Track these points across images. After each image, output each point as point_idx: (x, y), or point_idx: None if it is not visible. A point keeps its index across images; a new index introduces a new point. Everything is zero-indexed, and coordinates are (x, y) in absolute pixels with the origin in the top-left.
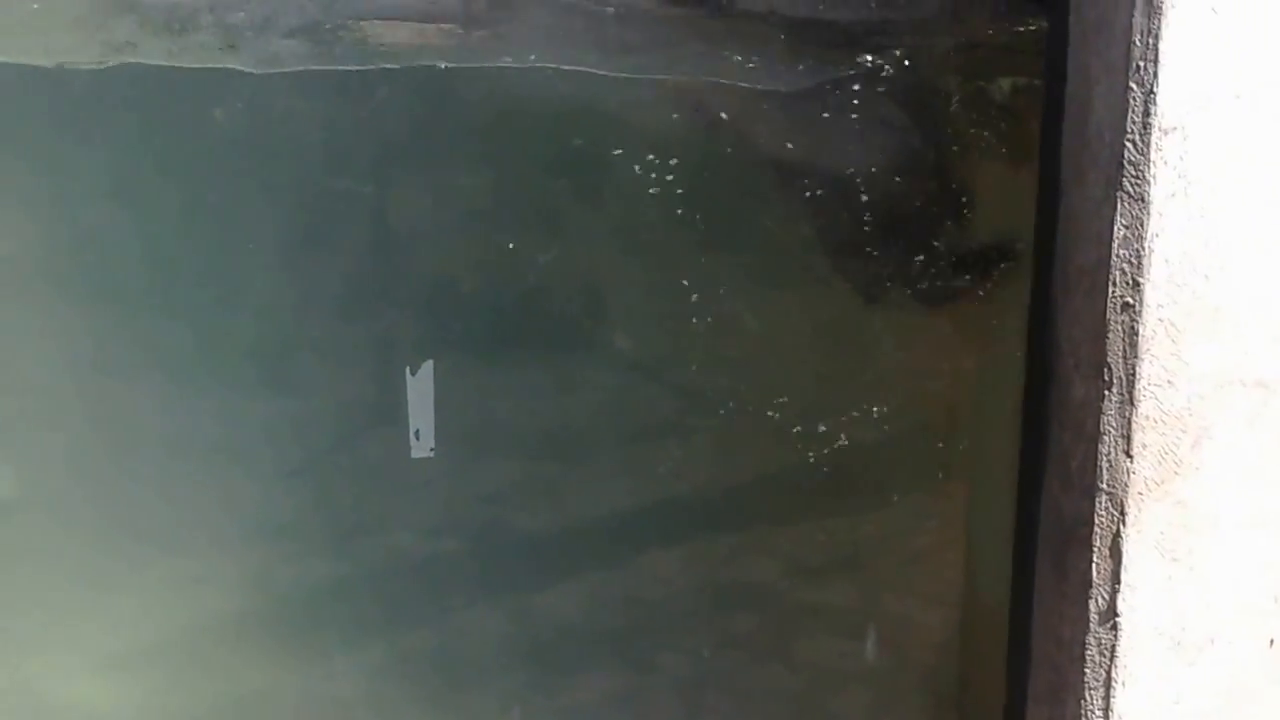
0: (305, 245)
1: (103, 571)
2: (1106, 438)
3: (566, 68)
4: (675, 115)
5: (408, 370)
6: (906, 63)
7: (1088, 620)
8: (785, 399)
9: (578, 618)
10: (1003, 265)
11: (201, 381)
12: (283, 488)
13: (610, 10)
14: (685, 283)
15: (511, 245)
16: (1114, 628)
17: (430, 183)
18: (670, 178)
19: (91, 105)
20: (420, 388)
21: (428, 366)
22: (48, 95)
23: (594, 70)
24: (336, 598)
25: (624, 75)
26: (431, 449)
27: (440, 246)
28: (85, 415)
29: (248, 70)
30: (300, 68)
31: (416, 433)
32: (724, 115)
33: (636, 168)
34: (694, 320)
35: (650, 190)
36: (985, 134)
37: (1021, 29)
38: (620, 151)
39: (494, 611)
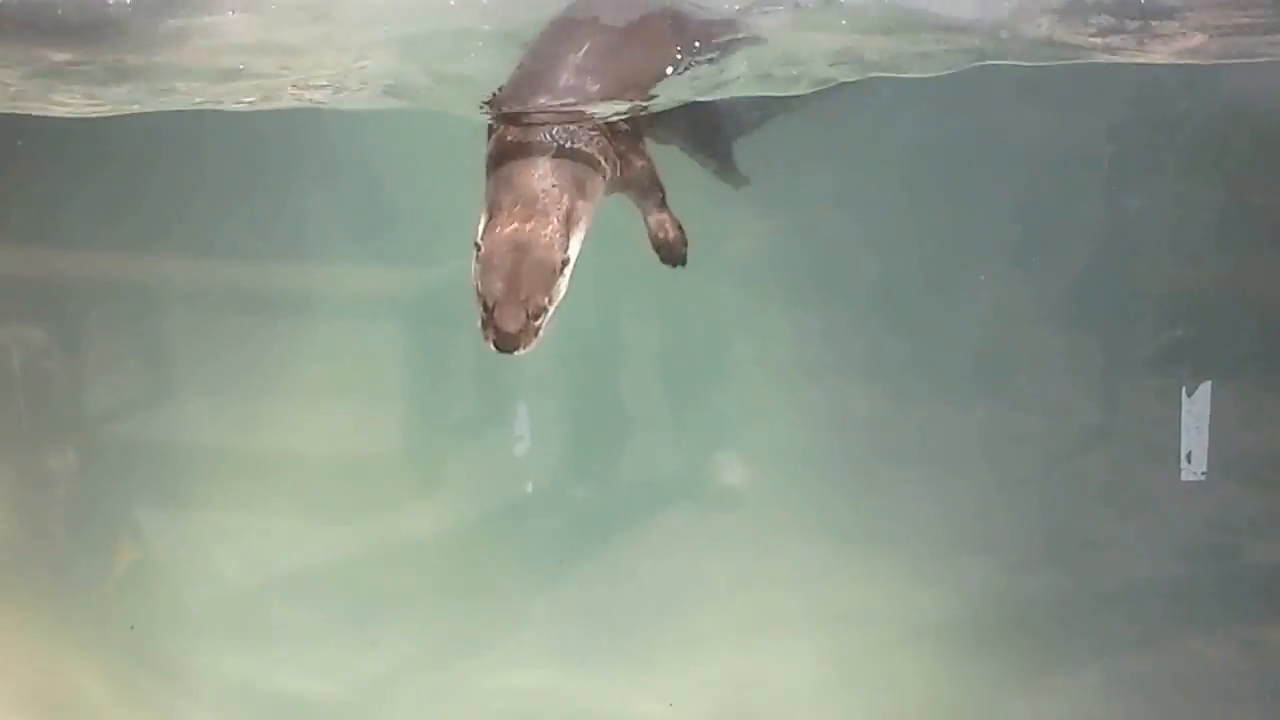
0: (1070, 252)
1: (817, 565)
2: None
3: None
4: None
5: (1183, 391)
6: None
7: None
8: None
9: None
10: None
11: (925, 388)
12: (1001, 499)
13: None
14: None
15: None
16: None
17: (1222, 199)
18: None
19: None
20: (1196, 410)
21: (1205, 389)
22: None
23: None
24: (1058, 613)
25: None
26: (1203, 473)
27: (1224, 265)
28: (813, 414)
29: None
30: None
31: (1188, 455)
32: None
33: None
34: None
35: None
36: None
37: None
38: None
39: (1225, 644)
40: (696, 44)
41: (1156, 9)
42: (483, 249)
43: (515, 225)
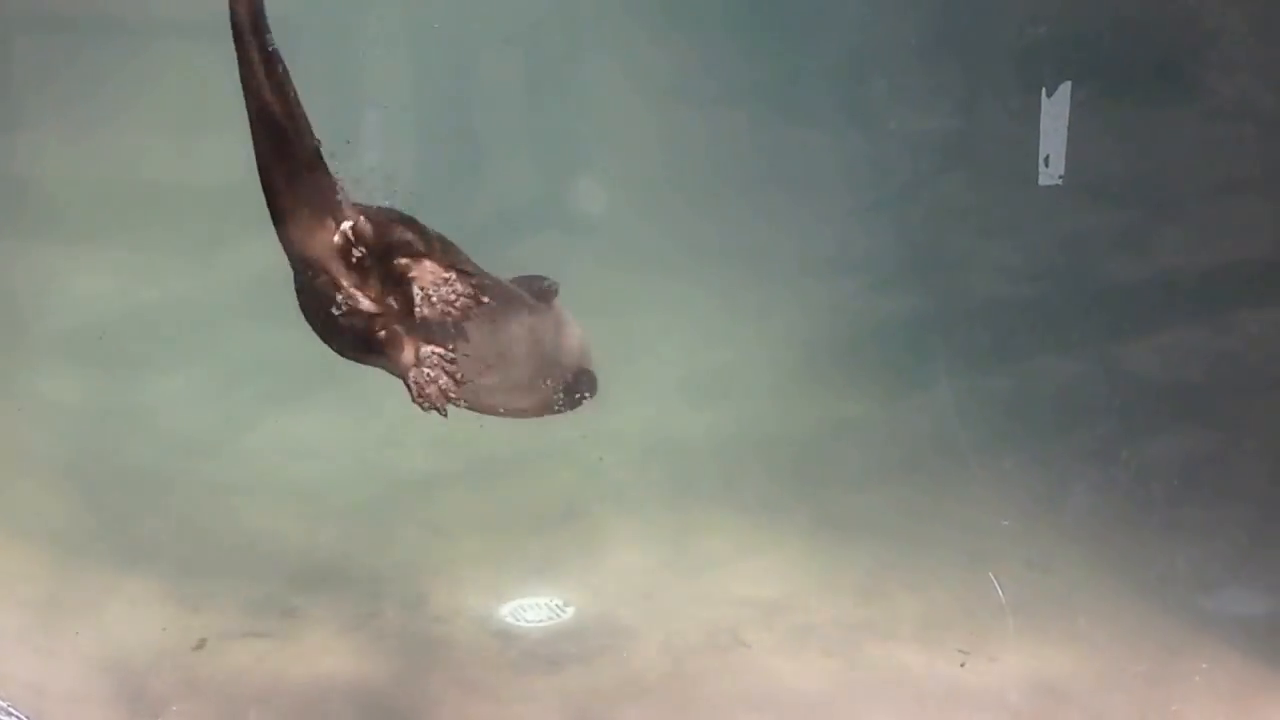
0: None
1: (676, 289)
2: None
3: None
4: None
5: (1043, 91)
6: None
7: None
8: None
9: (1160, 372)
10: None
11: (786, 113)
12: (859, 222)
13: None
14: None
15: None
16: None
17: None
18: None
19: None
20: (1055, 110)
21: (1065, 89)
22: None
23: None
24: (913, 333)
25: None
26: (1060, 177)
27: None
28: (673, 139)
29: None
30: None
31: (1046, 159)
32: None
33: None
34: None
35: None
36: None
37: None
38: None
39: (1078, 360)
40: None
41: None
42: None
43: None
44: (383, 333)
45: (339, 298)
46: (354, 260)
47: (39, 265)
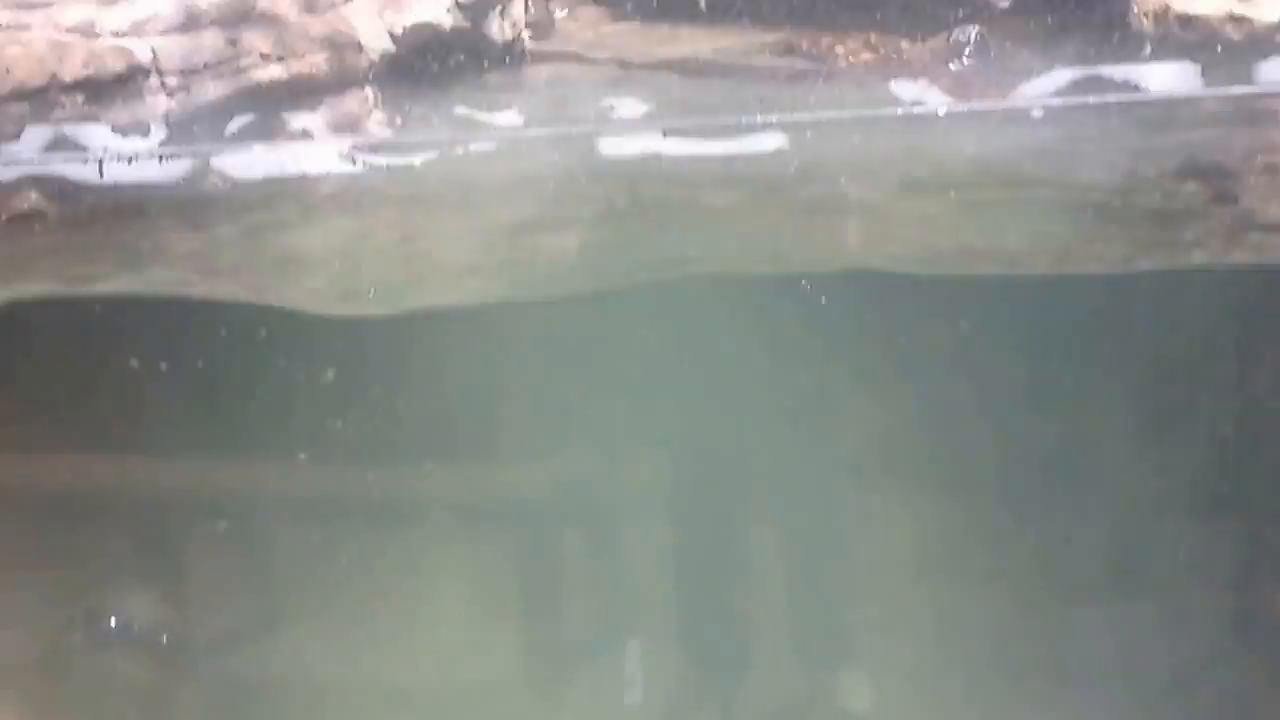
0: (1204, 439)
1: None
2: None
3: None
4: None
5: None
6: None
7: None
8: None
9: None
10: None
11: (1060, 589)
12: (1149, 712)
13: None
14: None
15: None
16: None
17: None
18: None
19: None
20: None
21: None
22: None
23: None
24: None
25: None
26: None
27: None
28: (944, 625)
29: None
30: None
31: None
32: None
33: None
34: None
35: None
36: None
37: None
38: None
39: None
40: None
41: None
42: None
43: None
44: None
45: None
46: None
47: None
